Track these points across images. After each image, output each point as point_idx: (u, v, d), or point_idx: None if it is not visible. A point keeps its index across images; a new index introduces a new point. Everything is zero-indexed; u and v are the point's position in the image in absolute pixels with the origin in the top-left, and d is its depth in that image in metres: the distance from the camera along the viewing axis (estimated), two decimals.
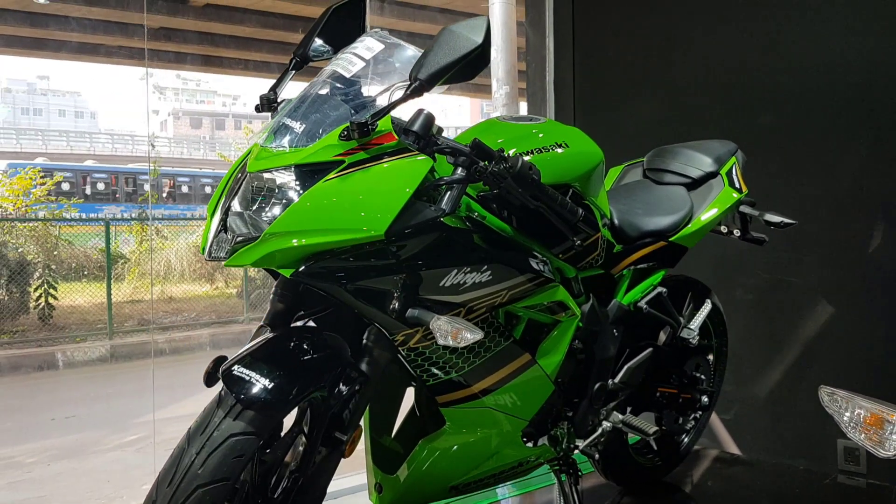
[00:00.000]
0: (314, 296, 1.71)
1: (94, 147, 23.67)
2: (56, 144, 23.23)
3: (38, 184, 11.65)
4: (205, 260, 1.63)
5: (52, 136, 25.77)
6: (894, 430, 1.41)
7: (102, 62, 10.95)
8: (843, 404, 1.46)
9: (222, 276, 11.69)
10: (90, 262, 10.61)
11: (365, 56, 1.65)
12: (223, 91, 33.55)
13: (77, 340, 9.50)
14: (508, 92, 4.97)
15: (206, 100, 34.53)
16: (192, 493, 1.39)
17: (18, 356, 8.78)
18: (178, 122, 31.36)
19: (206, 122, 32.18)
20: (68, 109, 31.94)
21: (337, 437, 1.63)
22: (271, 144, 1.59)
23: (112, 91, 32.99)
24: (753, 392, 3.21)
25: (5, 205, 11.27)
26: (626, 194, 2.45)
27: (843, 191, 2.99)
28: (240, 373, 1.49)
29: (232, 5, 9.73)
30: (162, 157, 19.29)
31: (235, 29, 10.33)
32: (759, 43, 3.19)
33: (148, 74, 14.08)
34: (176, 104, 31.97)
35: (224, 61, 11.36)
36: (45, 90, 30.79)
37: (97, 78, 31.40)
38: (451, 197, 1.58)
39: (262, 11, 9.85)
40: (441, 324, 1.57)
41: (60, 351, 9.17)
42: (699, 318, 2.44)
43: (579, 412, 2.14)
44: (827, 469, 2.97)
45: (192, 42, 10.70)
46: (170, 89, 31.35)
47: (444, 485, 1.93)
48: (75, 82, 31.10)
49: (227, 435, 1.44)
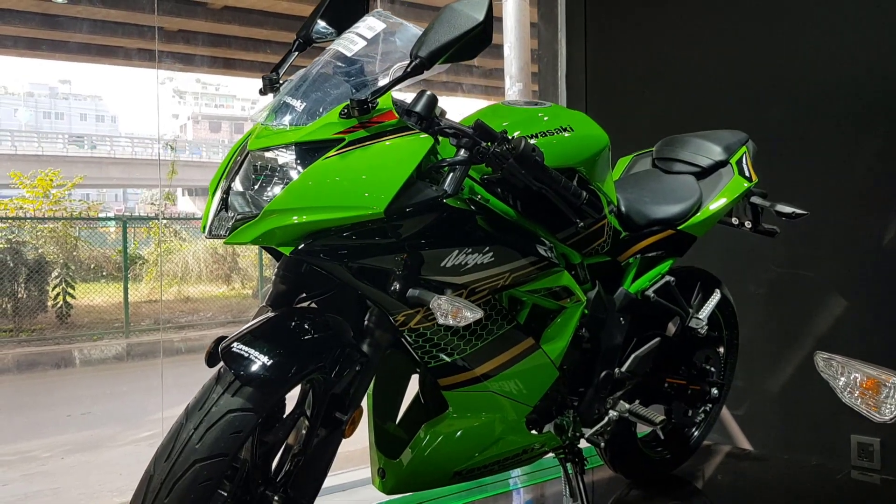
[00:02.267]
0: (316, 277, 1.70)
1: (115, 151, 23.86)
2: (76, 148, 23.44)
3: (58, 185, 11.77)
4: (205, 238, 1.63)
5: (73, 139, 26.02)
6: (892, 395, 1.37)
7: (119, 64, 11.03)
8: (839, 368, 1.43)
9: (238, 276, 11.74)
10: (109, 262, 10.70)
11: (367, 35, 1.65)
12: (242, 95, 33.74)
13: (94, 339, 9.58)
14: (521, 89, 4.95)
15: (226, 104, 34.78)
16: (189, 468, 1.39)
17: (36, 353, 8.87)
18: (197, 126, 31.61)
19: (224, 126, 32.41)
20: (89, 113, 32.27)
21: (337, 418, 1.63)
22: (272, 123, 1.59)
23: (132, 95, 33.25)
24: (765, 387, 3.18)
25: (26, 206, 11.39)
26: (635, 183, 2.43)
27: (857, 183, 2.95)
28: (239, 350, 1.49)
29: (250, 7, 9.77)
30: (182, 160, 19.42)
31: (252, 31, 10.36)
32: (771, 35, 3.16)
33: (156, 78, 14.09)
34: (195, 108, 32.21)
35: (244, 64, 11.41)
36: (67, 94, 31.15)
37: (117, 81, 31.68)
38: (453, 178, 1.57)
39: (279, 14, 9.88)
40: (441, 303, 1.57)
41: (77, 349, 9.25)
42: (708, 308, 2.42)
43: (585, 400, 2.13)
44: (840, 465, 2.93)
45: (208, 44, 10.75)
46: (189, 93, 31.60)
47: (447, 470, 1.92)
48: (96, 86, 31.37)
49: (226, 411, 1.44)
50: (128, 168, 19.48)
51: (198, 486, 1.40)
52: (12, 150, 19.24)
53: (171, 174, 12.70)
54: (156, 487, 1.40)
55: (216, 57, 10.94)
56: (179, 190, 21.53)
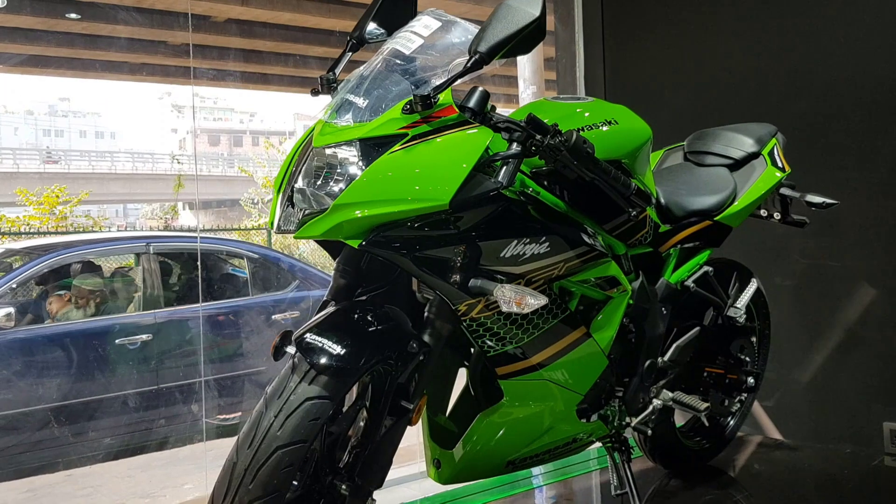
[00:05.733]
0: (373, 272, 1.75)
1: (115, 166, 23.89)
2: (77, 164, 23.46)
3: (64, 201, 11.82)
4: (273, 232, 1.68)
5: (73, 156, 26.02)
6: None
7: (125, 80, 11.05)
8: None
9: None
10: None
11: (423, 33, 1.69)
12: (240, 108, 33.82)
13: None
14: (535, 91, 5.01)
15: (224, 117, 34.82)
16: (272, 454, 1.44)
17: None
18: (196, 139, 31.63)
19: (223, 139, 32.45)
20: (88, 130, 32.32)
21: (403, 406, 1.67)
22: (335, 120, 1.64)
23: (131, 111, 33.22)
24: (795, 378, 3.22)
25: (32, 222, 11.42)
26: (669, 176, 2.48)
27: (883, 174, 2.99)
28: (313, 340, 1.54)
29: (252, 20, 9.80)
30: (183, 173, 19.46)
31: (257, 43, 10.40)
32: (792, 27, 3.21)
33: (191, 94, 14.15)
34: (194, 122, 32.25)
35: (252, 76, 11.44)
36: (66, 111, 31.21)
37: (115, 98, 31.65)
38: (507, 171, 1.61)
39: (282, 25, 9.92)
40: (505, 291, 1.62)
41: None
42: (745, 297, 2.47)
43: (630, 389, 2.17)
44: (873, 452, 2.97)
45: (213, 57, 10.78)
46: (188, 107, 31.63)
47: (501, 459, 1.96)
48: (95, 103, 31.37)
49: (303, 399, 1.48)
50: (128, 183, 19.54)
51: (280, 471, 1.44)
52: (14, 168, 19.27)
53: (177, 187, 12.74)
54: (240, 474, 1.44)
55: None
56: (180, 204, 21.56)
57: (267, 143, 16.53)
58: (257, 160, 14.65)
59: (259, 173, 13.93)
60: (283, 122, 28.93)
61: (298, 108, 27.92)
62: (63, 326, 5.08)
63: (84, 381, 4.89)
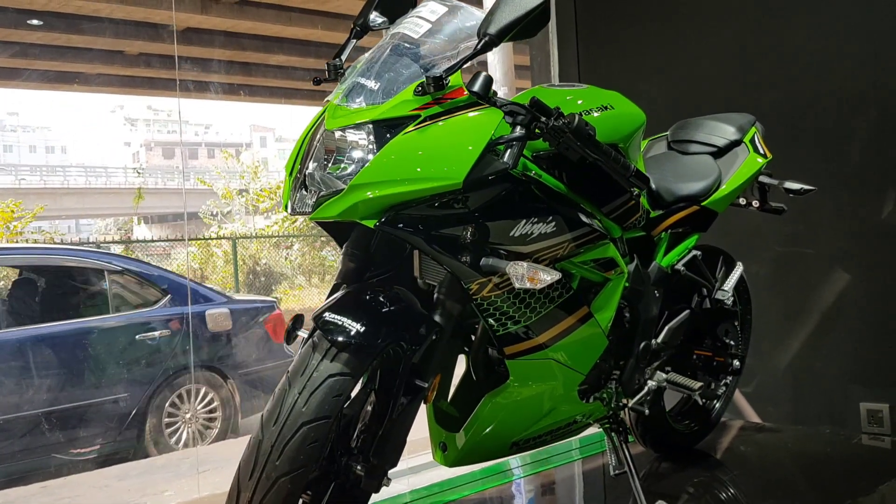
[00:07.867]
0: (381, 255, 1.78)
1: (68, 181, 23.44)
2: (30, 180, 22.96)
3: (19, 216, 11.56)
4: (288, 215, 1.69)
5: (24, 171, 25.48)
6: None
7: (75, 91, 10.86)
8: None
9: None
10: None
11: (430, 18, 1.73)
12: (195, 121, 33.44)
13: None
14: (507, 93, 5.07)
15: (173, 130, 34.34)
16: (297, 430, 1.45)
17: None
18: (150, 152, 31.19)
19: (177, 152, 32.02)
20: (38, 145, 31.66)
21: (418, 385, 1.69)
22: (347, 103, 1.66)
23: (83, 124, 32.61)
24: (774, 363, 3.30)
25: None
26: (656, 164, 2.54)
27: (855, 160, 3.10)
28: (332, 318, 1.56)
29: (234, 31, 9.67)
30: (136, 186, 19.18)
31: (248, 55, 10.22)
32: (765, 22, 3.30)
33: (177, 106, 13.97)
34: (147, 135, 31.79)
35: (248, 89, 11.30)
36: (15, 126, 30.55)
37: (65, 111, 31.01)
38: (512, 153, 1.66)
39: (272, 37, 9.78)
40: (518, 268, 1.65)
41: None
42: (732, 280, 2.54)
43: (626, 370, 2.21)
44: (851, 432, 3.06)
45: (171, 67, 10.65)
46: (141, 120, 31.19)
47: (505, 440, 1.98)
48: (44, 117, 30.71)
49: (326, 375, 1.50)
50: (82, 198, 19.18)
51: (307, 447, 1.45)
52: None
53: (136, 199, 12.56)
54: (266, 450, 1.45)
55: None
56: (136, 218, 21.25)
57: (225, 152, 16.40)
58: (217, 171, 14.51)
59: (219, 184, 13.79)
60: (238, 133, 28.66)
61: (254, 119, 27.65)
62: None
63: None
